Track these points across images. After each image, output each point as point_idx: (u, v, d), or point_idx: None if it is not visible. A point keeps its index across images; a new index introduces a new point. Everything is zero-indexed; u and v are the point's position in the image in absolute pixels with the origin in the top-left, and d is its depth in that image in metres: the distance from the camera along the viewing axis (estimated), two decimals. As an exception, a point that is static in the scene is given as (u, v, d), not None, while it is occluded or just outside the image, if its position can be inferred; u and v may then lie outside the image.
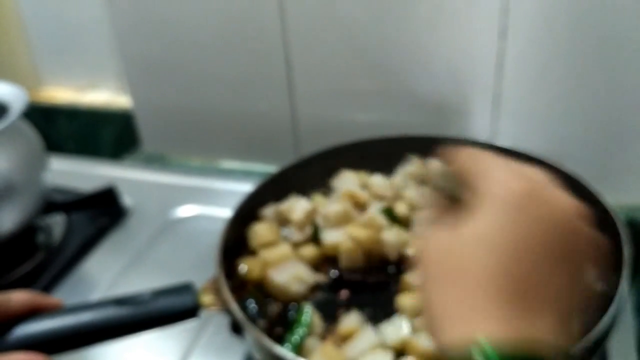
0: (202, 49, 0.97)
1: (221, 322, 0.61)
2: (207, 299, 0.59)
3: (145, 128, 1.09)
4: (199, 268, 0.63)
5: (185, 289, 0.59)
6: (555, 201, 0.41)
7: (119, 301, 0.56)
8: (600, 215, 0.64)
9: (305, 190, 0.80)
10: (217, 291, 0.59)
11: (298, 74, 0.94)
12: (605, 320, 0.52)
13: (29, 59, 1.21)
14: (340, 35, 0.89)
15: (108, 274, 0.81)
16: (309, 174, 0.80)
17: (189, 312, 0.58)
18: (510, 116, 0.88)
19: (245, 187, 0.75)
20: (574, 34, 0.79)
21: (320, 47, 0.91)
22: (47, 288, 0.80)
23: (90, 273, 0.83)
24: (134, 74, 1.04)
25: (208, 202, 0.91)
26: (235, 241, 0.69)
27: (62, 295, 0.79)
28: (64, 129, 1.23)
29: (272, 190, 0.77)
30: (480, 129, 0.90)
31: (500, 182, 0.41)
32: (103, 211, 0.90)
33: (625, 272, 0.57)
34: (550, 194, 0.41)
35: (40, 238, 0.87)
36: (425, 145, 0.80)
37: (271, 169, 0.99)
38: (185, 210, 0.91)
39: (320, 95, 0.95)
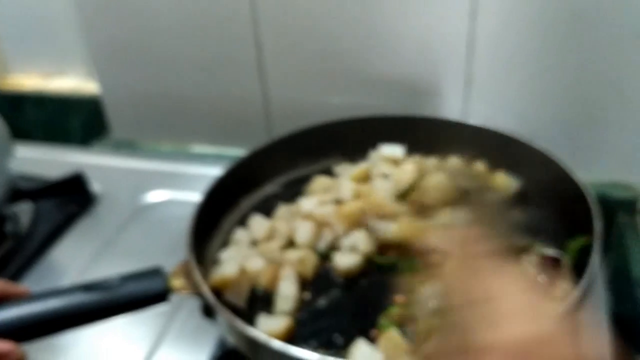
0: (170, 33, 0.95)
1: (193, 306, 0.60)
2: (177, 282, 0.58)
3: (113, 114, 1.07)
4: (170, 254, 0.63)
5: (154, 273, 0.58)
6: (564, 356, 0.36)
7: (87, 287, 0.55)
8: (572, 191, 0.65)
9: (276, 173, 0.79)
10: (187, 274, 0.58)
11: (268, 57, 0.93)
12: (577, 292, 0.53)
13: (-6, 46, 1.18)
14: (310, 17, 0.88)
15: (77, 262, 0.80)
16: (280, 157, 0.79)
17: (159, 296, 0.57)
18: (481, 96, 0.88)
19: (217, 171, 0.74)
20: (545, 13, 0.79)
21: (290, 30, 0.90)
22: (15, 277, 0.78)
23: (59, 261, 0.81)
24: (101, 59, 1.02)
25: (179, 187, 0.90)
26: (207, 225, 0.68)
27: (31, 283, 0.78)
28: (31, 116, 1.20)
29: (243, 173, 0.76)
30: (452, 110, 0.90)
31: (509, 330, 0.36)
32: (71, 198, 0.88)
33: (596, 246, 0.57)
34: (560, 347, 0.36)
35: (8, 227, 0.85)
36: (397, 126, 0.80)
37: (244, 152, 0.98)
38: (155, 196, 0.90)
39: (292, 78, 0.94)
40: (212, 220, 0.70)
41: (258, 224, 0.71)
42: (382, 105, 0.92)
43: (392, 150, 0.78)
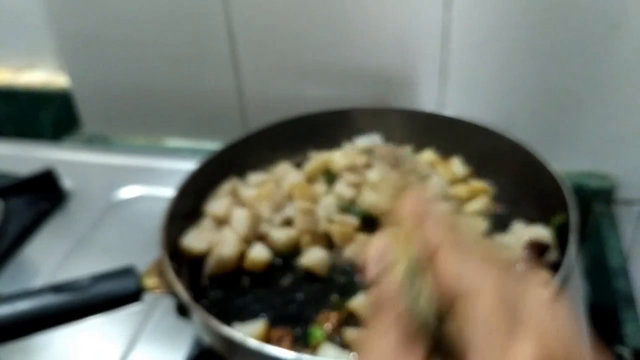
0: (141, 24, 0.93)
1: (169, 305, 0.59)
2: (150, 281, 0.57)
3: (85, 108, 1.05)
4: (145, 251, 0.62)
5: (126, 272, 0.57)
6: None
7: (58, 288, 0.54)
8: (547, 182, 0.65)
9: (251, 166, 0.78)
10: (161, 273, 0.57)
11: (242, 49, 0.92)
12: (554, 283, 0.52)
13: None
14: (284, 8, 0.87)
15: (50, 261, 0.78)
16: (255, 150, 0.78)
17: (132, 296, 0.56)
18: (457, 86, 0.88)
19: (191, 166, 0.73)
20: (520, 2, 0.79)
21: (263, 21, 0.89)
22: (-14, 277, 0.77)
23: (31, 260, 0.79)
24: (70, 52, 1.00)
25: (152, 182, 0.88)
26: (180, 220, 0.67)
27: (2, 283, 0.76)
28: (1, 111, 1.17)
29: (217, 167, 0.75)
30: (427, 100, 0.90)
31: (517, 349, 0.28)
32: (42, 195, 0.86)
33: (572, 237, 0.57)
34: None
35: (-24, 225, 0.83)
36: (372, 117, 0.80)
37: (218, 146, 0.97)
38: (128, 192, 0.88)
39: (266, 70, 0.93)
40: (186, 215, 0.69)
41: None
42: (357, 97, 0.91)
43: (368, 140, 0.78)
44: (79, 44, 0.99)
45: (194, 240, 0.66)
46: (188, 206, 0.69)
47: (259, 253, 0.65)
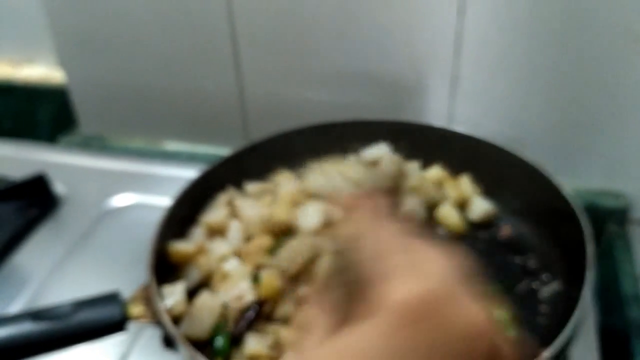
0: (141, 23, 0.90)
1: (154, 334, 0.56)
2: (136, 310, 0.53)
3: (82, 108, 1.01)
4: (138, 263, 0.59)
5: (110, 299, 0.54)
6: (458, 315, 0.33)
7: (36, 315, 0.51)
8: (563, 209, 0.61)
9: (250, 177, 0.75)
10: (147, 301, 0.54)
11: (244, 51, 0.88)
12: (569, 328, 0.49)
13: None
14: (289, 11, 0.83)
15: (39, 270, 0.75)
16: (255, 161, 0.75)
17: (115, 325, 0.53)
18: (467, 98, 0.84)
19: (188, 173, 0.70)
20: (536, 13, 0.75)
21: (267, 22, 0.85)
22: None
23: (20, 268, 0.76)
24: (67, 50, 0.96)
25: (147, 190, 0.85)
26: (173, 237, 0.64)
27: (-10, 293, 0.73)
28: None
29: (216, 178, 0.71)
30: (437, 111, 0.86)
31: (397, 288, 0.33)
32: (33, 201, 0.83)
33: (589, 275, 0.53)
34: (454, 305, 0.33)
35: (-36, 231, 0.80)
36: (379, 131, 0.76)
37: (218, 150, 0.94)
38: (122, 199, 0.85)
39: (269, 73, 0.90)
40: (178, 234, 0.65)
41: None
42: (363, 103, 0.88)
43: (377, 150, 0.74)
44: (77, 42, 0.95)
45: (182, 243, 0.64)
46: (179, 224, 0.65)
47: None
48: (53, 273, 0.75)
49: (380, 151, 0.74)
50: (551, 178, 0.65)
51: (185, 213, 0.66)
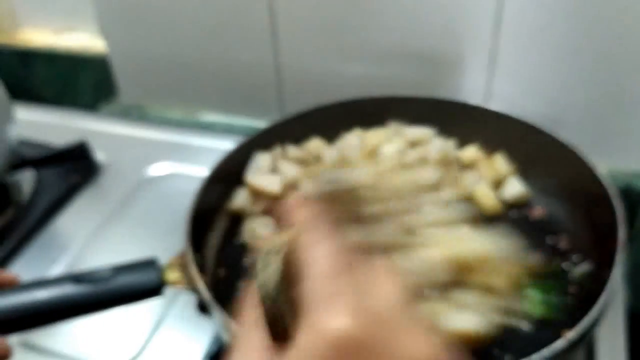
0: (181, -7, 0.91)
1: (190, 298, 0.57)
2: (172, 275, 0.55)
3: (122, 77, 1.03)
4: (174, 231, 0.60)
5: (148, 264, 0.55)
6: (400, 352, 0.29)
7: (77, 278, 0.53)
8: (596, 190, 0.61)
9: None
10: (183, 267, 0.56)
11: (282, 24, 0.88)
12: (596, 309, 0.49)
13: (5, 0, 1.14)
14: (328, -17, 0.83)
15: (79, 234, 0.78)
16: (291, 134, 0.75)
17: (152, 290, 0.54)
18: (506, 75, 0.83)
19: (225, 144, 0.71)
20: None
21: (306, -5, 0.85)
22: (17, 247, 0.77)
23: (61, 232, 0.79)
24: (108, 19, 0.98)
25: (185, 160, 0.87)
26: (209, 210, 0.65)
27: (32, 255, 0.76)
28: (41, 73, 1.17)
29: (252, 150, 0.72)
30: (474, 88, 0.85)
31: (333, 316, 0.29)
32: (75, 167, 0.85)
33: (619, 258, 0.53)
34: (396, 341, 0.29)
35: (9, 195, 0.83)
36: (415, 106, 0.76)
37: (254, 123, 0.95)
38: (160, 168, 0.87)
39: (306, 46, 0.90)
40: (215, 205, 0.67)
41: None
42: (400, 79, 0.87)
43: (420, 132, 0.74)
44: (117, 11, 0.97)
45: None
46: (218, 194, 0.66)
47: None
48: (92, 238, 0.77)
49: (424, 134, 0.74)
50: (585, 159, 0.64)
51: (221, 184, 0.67)
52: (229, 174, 0.68)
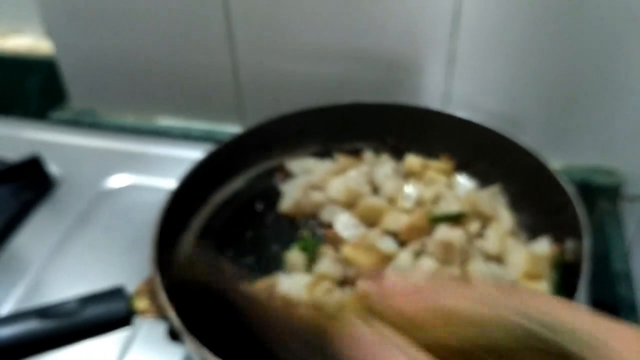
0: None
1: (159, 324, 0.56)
2: (141, 304, 0.54)
3: (72, 80, 1.00)
4: (137, 246, 0.59)
5: (115, 293, 0.54)
6: None
7: (42, 312, 0.51)
8: (559, 198, 0.62)
9: (251, 163, 0.74)
10: (152, 294, 0.54)
11: (238, 25, 0.87)
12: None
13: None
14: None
15: (37, 255, 0.75)
16: (257, 144, 0.74)
17: (121, 320, 0.53)
18: (464, 75, 0.84)
19: (184, 152, 0.69)
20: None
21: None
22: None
23: (17, 254, 0.76)
24: (55, 19, 0.94)
25: (144, 170, 0.85)
26: (173, 229, 0.64)
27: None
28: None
29: (218, 164, 0.71)
30: (433, 88, 0.86)
31: None
32: (27, 183, 0.82)
33: (586, 268, 0.54)
34: None
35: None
36: (379, 115, 0.76)
37: (212, 126, 0.93)
38: (118, 180, 0.84)
39: (263, 48, 0.88)
40: (179, 223, 0.65)
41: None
42: (359, 80, 0.87)
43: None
44: (65, 11, 0.93)
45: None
46: (181, 212, 0.65)
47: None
48: (51, 258, 0.75)
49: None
50: (546, 164, 0.65)
51: (188, 198, 0.66)
52: (196, 187, 0.67)
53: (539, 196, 0.66)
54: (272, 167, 0.75)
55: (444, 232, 0.62)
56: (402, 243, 0.64)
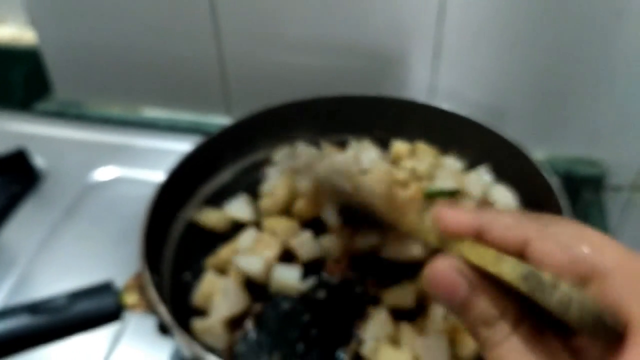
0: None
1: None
2: (130, 298, 0.54)
3: (56, 71, 0.99)
4: (125, 239, 0.59)
5: (104, 288, 0.54)
6: None
7: (33, 308, 0.52)
8: (543, 192, 0.63)
9: (239, 155, 0.75)
10: (141, 289, 0.55)
11: (223, 16, 0.86)
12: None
13: None
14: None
15: (24, 249, 0.75)
16: (244, 137, 0.74)
17: (111, 315, 0.53)
18: (450, 67, 0.84)
19: (171, 145, 0.69)
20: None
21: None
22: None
23: (4, 248, 0.76)
24: (39, 8, 0.93)
25: (131, 162, 0.84)
26: (162, 222, 0.64)
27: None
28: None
29: (206, 157, 0.71)
30: (419, 80, 0.86)
31: None
32: (13, 177, 0.82)
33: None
34: None
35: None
36: (366, 107, 0.76)
37: (199, 118, 0.93)
38: (105, 173, 0.84)
39: (249, 39, 0.88)
40: (168, 216, 0.66)
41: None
42: (345, 71, 0.87)
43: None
44: (49, 0, 0.92)
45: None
46: (169, 205, 0.65)
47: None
48: (39, 252, 0.74)
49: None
50: (528, 155, 0.66)
51: (176, 191, 0.66)
52: (184, 180, 0.67)
53: (523, 187, 0.67)
54: (260, 160, 0.74)
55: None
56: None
